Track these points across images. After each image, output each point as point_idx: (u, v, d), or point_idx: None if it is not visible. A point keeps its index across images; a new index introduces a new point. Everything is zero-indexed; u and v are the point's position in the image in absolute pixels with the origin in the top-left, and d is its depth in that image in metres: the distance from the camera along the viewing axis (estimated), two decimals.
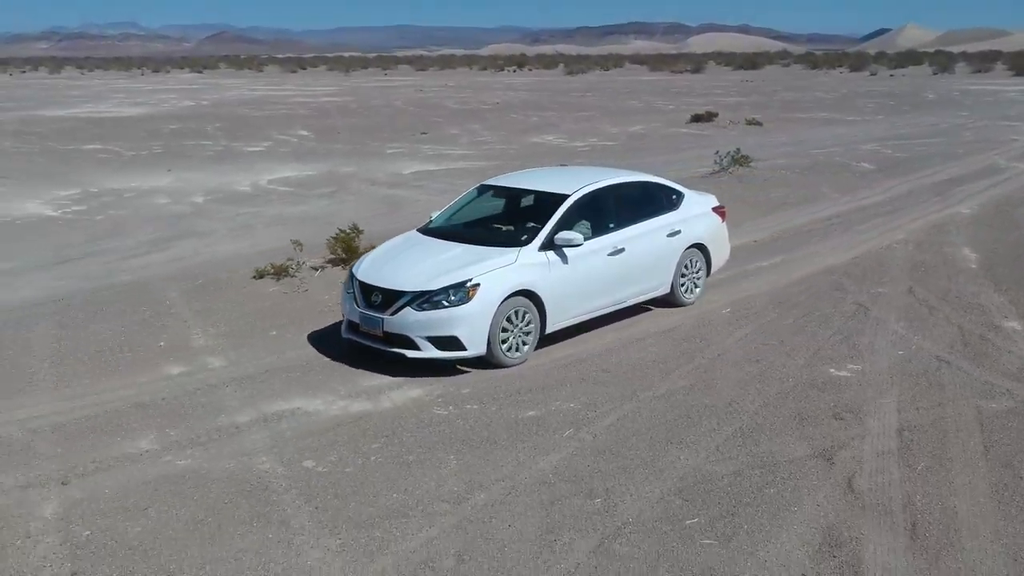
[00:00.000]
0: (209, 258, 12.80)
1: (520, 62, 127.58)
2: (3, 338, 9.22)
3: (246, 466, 6.44)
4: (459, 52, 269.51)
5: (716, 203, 10.71)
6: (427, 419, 7.25)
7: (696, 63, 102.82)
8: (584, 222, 9.13)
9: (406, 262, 8.73)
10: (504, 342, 8.32)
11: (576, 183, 9.47)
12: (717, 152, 19.62)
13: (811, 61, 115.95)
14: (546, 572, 5.08)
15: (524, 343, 8.49)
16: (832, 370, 8.10)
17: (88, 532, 5.58)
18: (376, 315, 8.30)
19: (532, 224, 9.00)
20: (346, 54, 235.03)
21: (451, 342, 8.11)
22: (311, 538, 5.48)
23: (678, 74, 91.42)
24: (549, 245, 8.71)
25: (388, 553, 5.31)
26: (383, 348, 8.32)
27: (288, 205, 17.40)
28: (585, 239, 8.86)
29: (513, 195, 9.96)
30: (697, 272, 10.29)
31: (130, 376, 8.27)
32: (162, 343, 9.15)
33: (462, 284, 8.16)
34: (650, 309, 10.02)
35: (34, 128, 33.67)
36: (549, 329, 8.71)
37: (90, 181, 20.56)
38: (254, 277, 11.18)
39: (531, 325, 8.51)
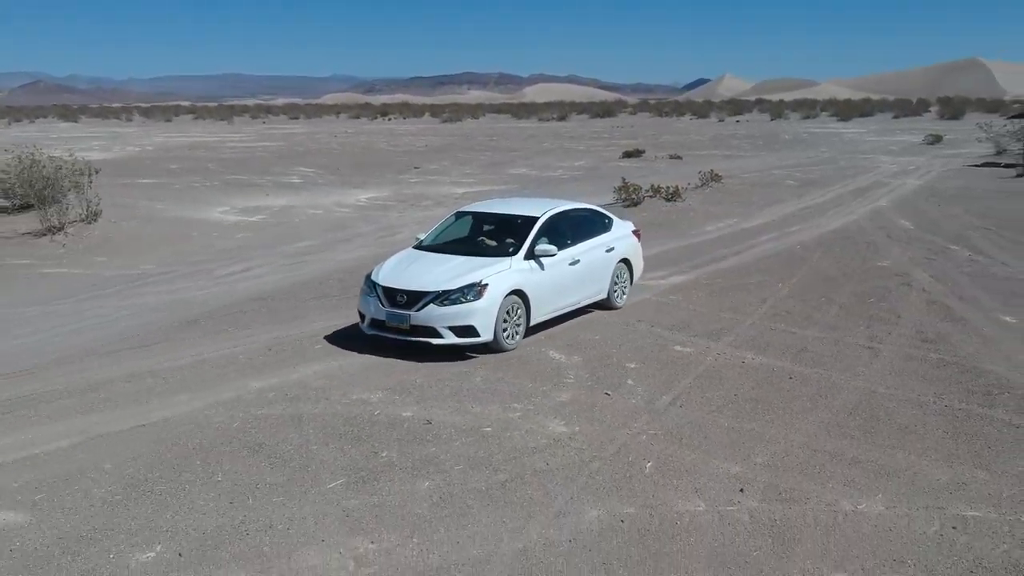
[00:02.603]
0: None
1: (384, 111, 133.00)
2: None
3: (640, 302, 13.21)
4: (299, 101, 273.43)
5: (634, 227, 13.11)
6: (703, 286, 14.13)
7: (561, 111, 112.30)
8: (545, 238, 11.04)
9: (420, 270, 10.44)
10: (504, 331, 10.22)
11: (539, 208, 11.55)
12: (700, 172, 27.41)
13: (655, 109, 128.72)
14: (834, 311, 12.15)
15: (517, 333, 10.45)
16: (879, 263, 15.62)
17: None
18: (403, 312, 9.97)
19: (510, 240, 11.02)
20: (184, 103, 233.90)
21: (468, 330, 9.89)
22: (715, 313, 12.30)
23: (546, 122, 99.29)
24: (531, 255, 10.70)
25: (758, 314, 12.21)
26: (408, 339, 10.04)
27: (419, 211, 23.70)
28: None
29: (487, 218, 11.92)
30: (624, 282, 12.57)
31: None
32: None
33: (475, 284, 10.01)
34: (591, 311, 12.26)
35: None
36: (532, 322, 10.71)
37: (223, 202, 25.94)
38: None
39: (521, 319, 10.48)
